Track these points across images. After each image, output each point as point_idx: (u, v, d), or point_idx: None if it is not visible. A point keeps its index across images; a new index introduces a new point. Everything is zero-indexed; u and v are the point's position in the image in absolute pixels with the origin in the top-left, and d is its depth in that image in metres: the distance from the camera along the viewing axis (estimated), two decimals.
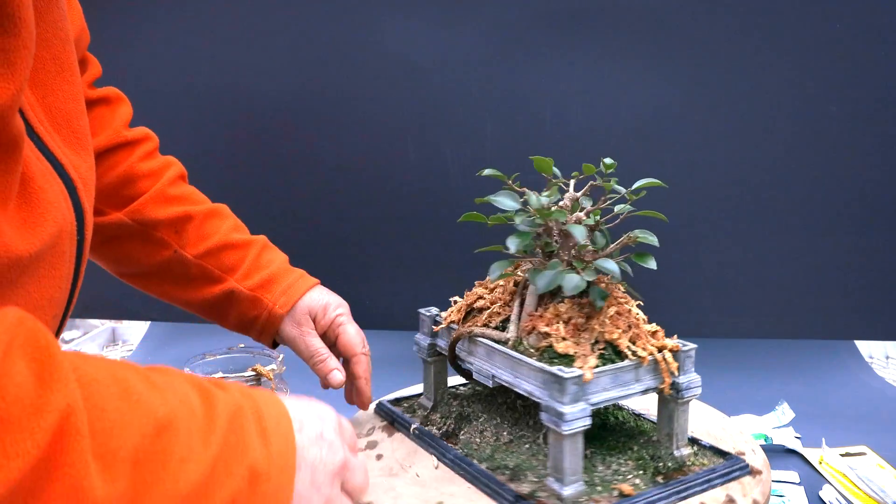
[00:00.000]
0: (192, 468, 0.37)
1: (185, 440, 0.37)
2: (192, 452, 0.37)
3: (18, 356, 0.31)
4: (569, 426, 0.60)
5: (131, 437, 0.34)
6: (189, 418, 0.38)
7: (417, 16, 1.22)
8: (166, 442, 0.36)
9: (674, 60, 1.20)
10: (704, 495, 0.65)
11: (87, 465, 0.31)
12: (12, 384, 0.30)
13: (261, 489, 0.40)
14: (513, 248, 0.65)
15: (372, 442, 0.75)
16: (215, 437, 0.39)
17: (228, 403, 0.41)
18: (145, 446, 0.35)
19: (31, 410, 0.30)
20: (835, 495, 0.82)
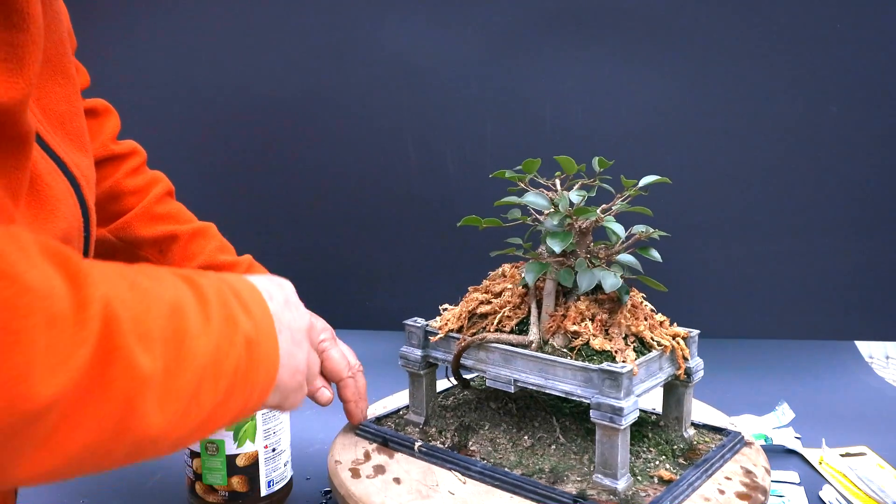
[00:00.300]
0: (203, 342, 0.40)
1: (192, 319, 0.40)
2: (200, 329, 0.40)
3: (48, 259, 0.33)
4: (625, 420, 0.61)
5: (154, 320, 0.37)
6: (188, 300, 0.41)
7: (417, 16, 1.22)
8: (179, 321, 0.39)
9: (674, 60, 1.20)
10: (724, 469, 0.70)
11: (132, 346, 0.35)
12: (56, 284, 0.32)
13: (255, 354, 0.45)
14: (558, 250, 0.65)
15: (378, 466, 0.72)
16: (213, 315, 0.42)
17: (211, 285, 0.44)
18: (166, 326, 0.38)
19: (77, 304, 0.32)
20: (835, 495, 0.82)
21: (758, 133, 1.21)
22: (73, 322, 0.32)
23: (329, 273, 1.32)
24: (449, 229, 0.95)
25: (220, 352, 0.41)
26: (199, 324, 0.40)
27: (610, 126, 1.23)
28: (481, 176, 1.25)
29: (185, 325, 0.39)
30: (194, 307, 0.41)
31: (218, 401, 0.42)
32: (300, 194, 1.30)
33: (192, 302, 0.41)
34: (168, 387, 0.37)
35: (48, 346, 0.31)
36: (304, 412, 1.04)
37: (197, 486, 0.76)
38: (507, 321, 0.72)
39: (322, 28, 1.24)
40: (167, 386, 0.37)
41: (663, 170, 0.77)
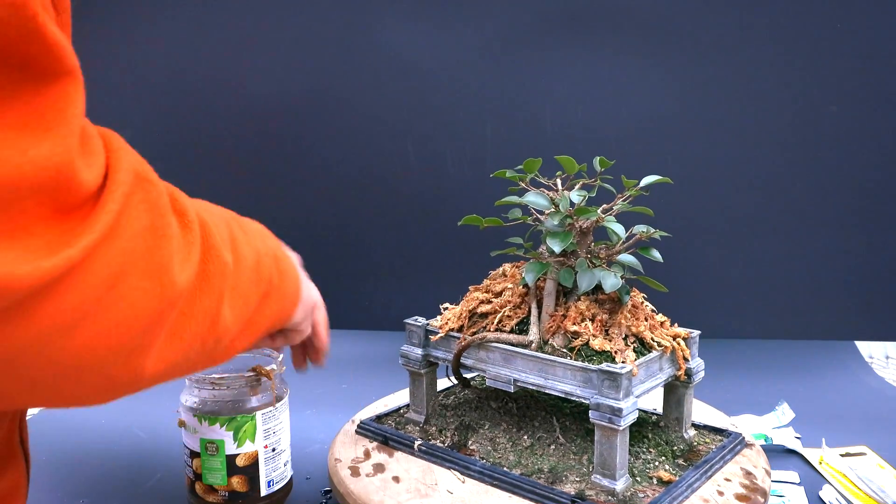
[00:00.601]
0: (248, 249, 0.47)
1: (237, 231, 0.47)
2: (244, 239, 0.47)
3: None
4: (624, 421, 0.61)
5: (224, 228, 0.44)
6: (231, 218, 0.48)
7: (417, 17, 1.22)
8: (231, 231, 0.46)
9: (674, 60, 1.20)
10: (724, 471, 0.70)
11: (220, 246, 0.42)
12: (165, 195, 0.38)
13: (282, 267, 0.52)
14: (558, 250, 0.65)
15: (377, 465, 0.72)
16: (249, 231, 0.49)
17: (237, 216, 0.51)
18: (225, 235, 0.44)
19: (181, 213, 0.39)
20: (835, 495, 0.82)
21: (758, 133, 1.21)
22: (182, 225, 0.38)
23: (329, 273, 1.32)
24: (449, 229, 0.95)
25: (258, 258, 0.48)
26: (242, 235, 0.47)
27: (610, 126, 1.23)
28: (481, 176, 1.25)
29: (235, 235, 0.46)
30: (236, 224, 0.48)
31: (259, 301, 0.48)
32: (300, 194, 1.30)
33: (233, 220, 0.48)
34: (235, 282, 0.44)
35: (178, 243, 0.37)
36: (303, 412, 1.04)
37: (197, 486, 0.76)
38: (507, 321, 0.72)
39: (322, 28, 1.24)
40: (235, 281, 0.44)
41: (664, 170, 0.78)
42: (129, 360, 0.35)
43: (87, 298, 0.32)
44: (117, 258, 0.33)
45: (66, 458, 0.93)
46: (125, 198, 0.33)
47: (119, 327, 0.34)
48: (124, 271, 0.33)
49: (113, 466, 0.91)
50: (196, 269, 0.38)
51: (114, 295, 0.33)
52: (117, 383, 0.37)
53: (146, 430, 1.01)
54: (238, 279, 0.44)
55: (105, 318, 0.33)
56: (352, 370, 1.23)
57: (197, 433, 0.74)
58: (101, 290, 0.32)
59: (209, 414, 0.73)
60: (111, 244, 0.32)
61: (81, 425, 1.03)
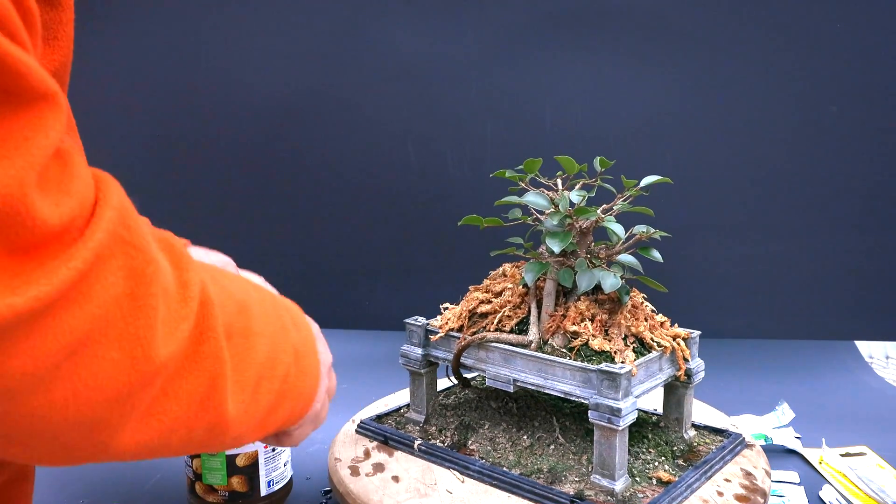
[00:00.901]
0: (262, 342, 0.42)
1: (257, 319, 0.43)
2: (262, 329, 0.43)
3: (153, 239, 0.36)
4: (623, 421, 0.61)
5: (229, 314, 0.40)
6: (252, 301, 0.44)
7: (418, 17, 1.22)
8: (245, 320, 0.42)
9: (674, 60, 1.20)
10: (724, 471, 0.70)
11: (220, 329, 0.38)
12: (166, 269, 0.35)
13: (301, 365, 0.47)
14: (557, 250, 0.65)
15: (377, 464, 0.72)
16: (271, 317, 0.45)
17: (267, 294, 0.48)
18: (236, 322, 0.40)
19: (180, 283, 0.35)
20: (835, 495, 0.82)
21: (758, 133, 1.21)
22: (179, 298, 0.35)
23: (329, 273, 1.32)
24: (449, 229, 0.95)
25: (274, 354, 0.44)
26: (259, 325, 0.43)
27: (610, 126, 1.23)
28: (481, 176, 1.25)
29: (249, 325, 0.42)
30: (256, 310, 0.43)
31: (272, 402, 0.44)
32: (300, 194, 1.30)
33: (254, 304, 0.44)
34: (238, 376, 0.40)
35: (165, 315, 0.34)
36: None
37: (197, 486, 0.76)
38: (507, 321, 0.72)
39: (322, 28, 1.24)
40: (237, 375, 0.40)
41: (664, 170, 0.78)
42: (91, 434, 0.33)
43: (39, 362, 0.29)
44: (82, 323, 0.29)
45: None
46: (97, 258, 0.30)
47: (78, 399, 0.31)
48: (90, 338, 0.30)
49: (113, 466, 0.91)
50: (183, 346, 0.35)
51: (74, 363, 0.30)
52: (76, 455, 0.34)
53: None
54: (241, 373, 0.40)
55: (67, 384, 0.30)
56: (352, 370, 1.23)
57: None
58: (59, 356, 0.29)
59: None
60: (76, 305, 0.29)
61: None
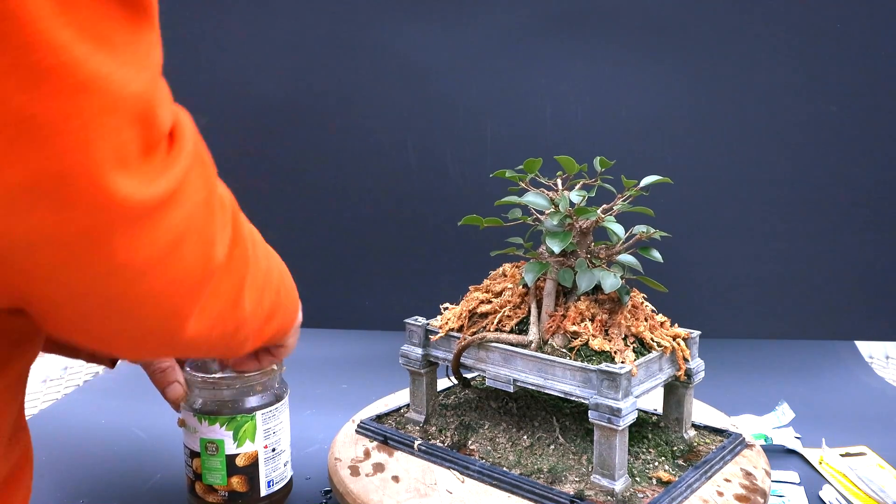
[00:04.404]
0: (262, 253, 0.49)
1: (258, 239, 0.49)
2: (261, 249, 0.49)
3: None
4: (623, 421, 0.61)
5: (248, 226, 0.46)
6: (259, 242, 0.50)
7: (418, 17, 1.22)
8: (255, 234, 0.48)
9: (674, 60, 1.20)
10: (724, 471, 0.70)
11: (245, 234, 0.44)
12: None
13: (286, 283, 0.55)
14: (557, 250, 0.65)
15: (377, 464, 0.72)
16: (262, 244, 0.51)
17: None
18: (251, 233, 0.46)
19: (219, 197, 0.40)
20: (835, 495, 0.82)
21: (758, 133, 1.21)
22: (221, 208, 0.40)
23: (329, 273, 1.32)
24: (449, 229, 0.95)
25: (269, 266, 0.50)
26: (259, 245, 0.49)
27: (610, 126, 1.23)
28: (481, 176, 1.25)
29: (255, 237, 0.47)
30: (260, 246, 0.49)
31: (271, 308, 0.50)
32: (300, 194, 1.30)
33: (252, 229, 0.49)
34: (253, 277, 0.45)
35: (220, 222, 0.39)
36: (303, 412, 1.04)
37: (197, 486, 0.76)
38: (507, 321, 0.72)
39: (322, 28, 1.24)
40: (251, 279, 0.45)
41: (664, 170, 0.77)
42: (168, 322, 0.38)
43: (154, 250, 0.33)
44: (182, 220, 0.34)
45: (66, 458, 0.93)
46: (187, 168, 0.34)
47: (173, 285, 0.36)
48: (184, 235, 0.35)
49: (113, 466, 0.91)
50: (227, 250, 0.40)
51: (174, 255, 0.35)
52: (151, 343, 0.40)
53: (146, 430, 1.01)
54: (256, 275, 0.46)
55: (165, 274, 0.35)
56: (352, 370, 1.23)
57: (197, 433, 0.74)
58: (166, 247, 0.34)
59: (209, 414, 0.73)
60: (178, 204, 0.34)
61: (81, 425, 1.03)
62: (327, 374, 1.22)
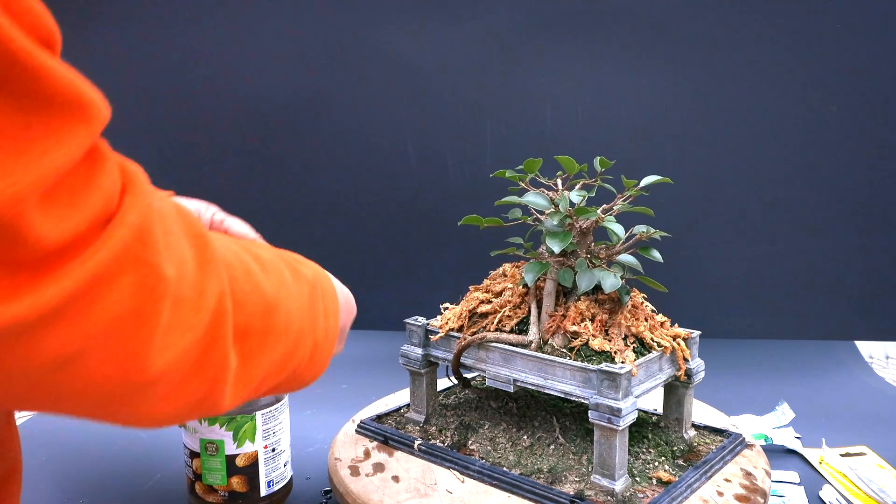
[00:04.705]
0: (284, 340, 0.43)
1: (283, 318, 0.43)
2: (287, 327, 0.43)
3: (185, 241, 0.36)
4: (623, 421, 0.61)
5: (252, 315, 0.40)
6: (287, 298, 0.44)
7: (418, 17, 1.22)
8: (271, 319, 0.42)
9: (674, 60, 1.20)
10: (724, 471, 0.70)
11: (229, 336, 0.38)
12: (186, 267, 0.35)
13: (315, 358, 0.48)
14: (557, 250, 0.65)
15: (377, 464, 0.72)
16: (303, 314, 0.45)
17: (310, 283, 0.48)
18: (258, 323, 0.41)
19: (198, 291, 0.35)
20: (835, 495, 0.82)
21: (758, 133, 1.21)
22: (192, 306, 0.34)
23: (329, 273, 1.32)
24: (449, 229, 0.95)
25: (292, 352, 0.44)
26: (285, 323, 0.43)
27: (610, 126, 1.23)
28: (481, 176, 1.25)
29: (272, 324, 0.42)
30: (288, 304, 0.44)
31: (266, 390, 0.45)
32: (300, 194, 1.30)
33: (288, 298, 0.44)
34: (242, 375, 0.40)
35: (167, 329, 0.33)
36: (304, 412, 1.04)
37: (197, 486, 0.76)
38: (507, 321, 0.72)
39: (322, 29, 1.24)
40: (242, 374, 0.40)
41: (664, 170, 0.77)
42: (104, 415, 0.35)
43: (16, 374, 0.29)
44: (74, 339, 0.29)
45: (66, 458, 0.93)
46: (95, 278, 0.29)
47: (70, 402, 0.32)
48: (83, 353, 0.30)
49: (113, 466, 0.91)
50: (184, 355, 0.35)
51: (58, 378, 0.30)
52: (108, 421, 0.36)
53: (147, 430, 1.01)
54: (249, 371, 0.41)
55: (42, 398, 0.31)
56: (352, 370, 1.23)
57: (197, 433, 0.74)
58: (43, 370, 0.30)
59: None
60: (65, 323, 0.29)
61: (81, 425, 1.03)
62: (327, 373, 1.21)
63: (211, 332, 0.36)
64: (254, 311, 0.40)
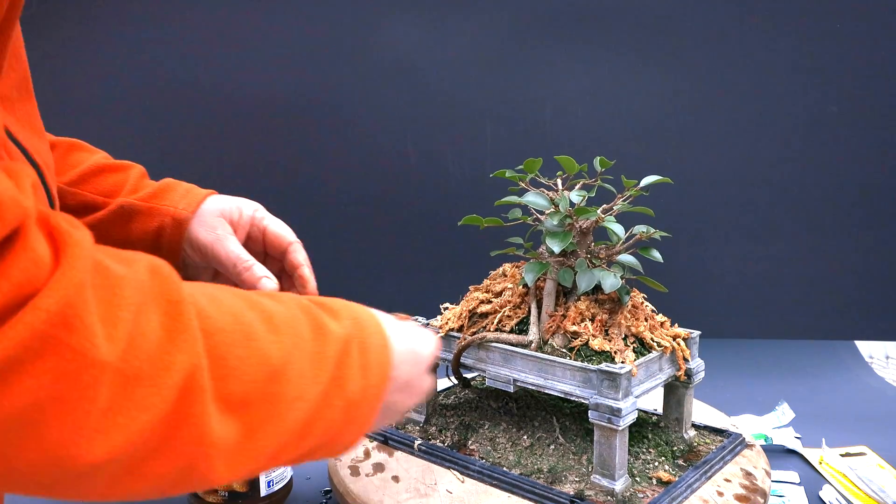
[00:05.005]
0: (300, 407, 0.39)
1: (296, 383, 0.39)
2: (301, 393, 0.39)
3: (152, 311, 0.33)
4: (623, 421, 0.61)
5: (248, 383, 0.36)
6: (301, 360, 0.40)
7: (418, 17, 1.22)
8: (278, 386, 0.38)
9: (674, 60, 1.20)
10: (724, 471, 0.70)
11: (208, 412, 0.34)
12: (145, 342, 0.32)
13: (351, 416, 0.43)
14: (557, 250, 0.65)
15: (377, 464, 0.72)
16: (322, 376, 0.41)
17: (338, 339, 0.43)
18: (262, 390, 0.37)
19: (160, 367, 0.32)
20: (835, 495, 0.82)
21: (758, 133, 1.21)
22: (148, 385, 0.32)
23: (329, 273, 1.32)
24: (449, 229, 0.95)
25: (317, 416, 0.40)
26: (300, 388, 0.39)
27: (610, 126, 1.23)
28: (481, 176, 1.25)
29: (282, 391, 0.38)
30: (304, 368, 0.40)
31: (298, 456, 0.42)
32: (301, 195, 1.30)
33: (303, 362, 0.40)
34: (244, 449, 0.37)
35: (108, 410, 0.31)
36: None
37: None
38: (507, 321, 0.72)
39: (323, 28, 1.24)
40: (244, 448, 0.37)
41: (664, 170, 0.77)
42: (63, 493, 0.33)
43: None
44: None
45: None
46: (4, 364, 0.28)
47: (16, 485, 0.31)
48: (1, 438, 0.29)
49: None
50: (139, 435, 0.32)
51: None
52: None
53: None
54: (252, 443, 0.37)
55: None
56: None
57: None
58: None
59: None
60: None
61: None
62: None
63: (179, 409, 0.33)
64: (254, 379, 0.37)
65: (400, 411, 0.50)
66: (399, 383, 0.48)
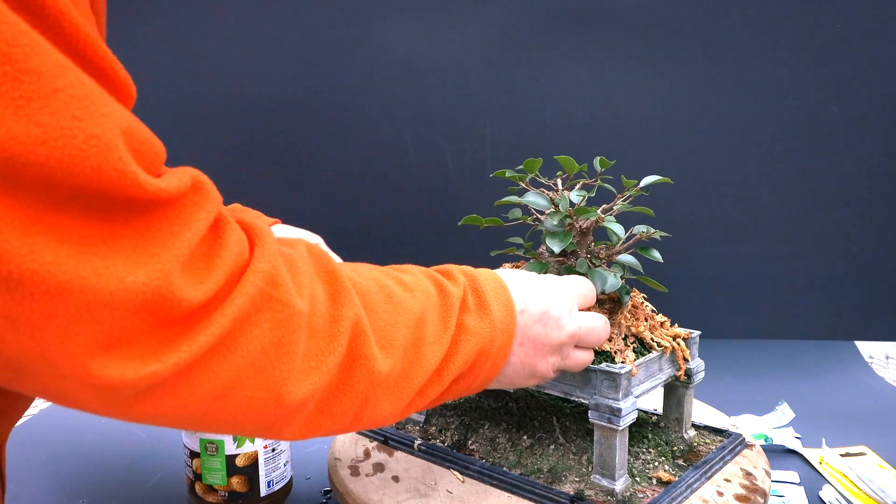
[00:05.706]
0: (437, 349, 0.47)
1: (431, 329, 0.48)
2: (437, 337, 0.48)
3: (317, 278, 0.41)
4: (624, 421, 0.61)
5: (399, 330, 0.45)
6: (433, 311, 0.48)
7: (417, 17, 1.22)
8: (421, 331, 0.47)
9: (674, 60, 1.20)
10: (724, 471, 0.70)
11: (374, 353, 0.43)
12: (318, 301, 0.40)
13: (483, 357, 0.51)
14: (557, 250, 0.65)
15: (377, 464, 0.72)
16: (450, 322, 0.49)
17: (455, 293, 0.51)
18: (408, 336, 0.46)
19: (332, 319, 0.41)
20: (835, 495, 0.82)
21: (758, 133, 1.21)
22: (327, 335, 0.40)
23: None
24: (449, 229, 0.95)
25: (451, 355, 0.49)
26: (436, 333, 0.48)
27: (610, 126, 1.23)
28: (481, 176, 1.25)
29: (423, 335, 0.47)
30: (436, 317, 0.48)
31: (441, 392, 0.49)
32: (300, 194, 1.30)
33: (435, 311, 0.49)
34: (401, 386, 0.45)
35: (305, 355, 0.39)
36: None
37: (197, 486, 0.76)
38: None
39: (322, 28, 1.24)
40: (400, 385, 0.45)
41: (664, 170, 0.77)
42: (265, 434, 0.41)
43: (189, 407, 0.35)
44: (227, 373, 0.35)
45: (66, 458, 0.93)
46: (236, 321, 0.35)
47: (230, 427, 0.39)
48: (236, 383, 0.36)
49: (113, 466, 0.91)
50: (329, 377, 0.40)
51: (222, 403, 0.36)
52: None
53: (146, 430, 1.01)
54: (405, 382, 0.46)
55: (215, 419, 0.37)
56: None
57: (196, 433, 0.74)
58: (208, 399, 0.35)
59: None
60: (217, 361, 0.35)
61: (81, 425, 1.03)
62: None
63: (352, 352, 0.41)
64: (404, 325, 0.45)
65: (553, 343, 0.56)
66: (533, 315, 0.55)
